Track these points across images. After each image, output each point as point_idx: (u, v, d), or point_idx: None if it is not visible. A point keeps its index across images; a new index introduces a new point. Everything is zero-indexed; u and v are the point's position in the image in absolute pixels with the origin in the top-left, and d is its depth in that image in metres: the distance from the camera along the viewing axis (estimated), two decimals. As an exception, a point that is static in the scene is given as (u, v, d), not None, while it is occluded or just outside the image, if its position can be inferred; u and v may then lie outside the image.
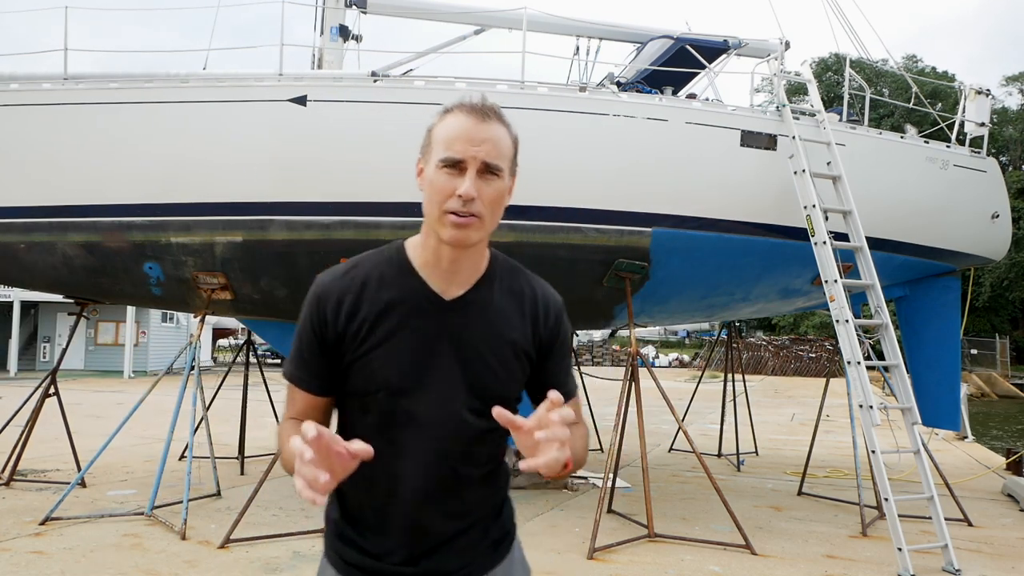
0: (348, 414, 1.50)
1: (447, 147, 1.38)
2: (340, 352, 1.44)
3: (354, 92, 5.84)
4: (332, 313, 1.43)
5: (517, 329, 1.50)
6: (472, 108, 1.40)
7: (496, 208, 1.42)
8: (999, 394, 27.68)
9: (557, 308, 1.58)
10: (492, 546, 1.54)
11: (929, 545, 5.18)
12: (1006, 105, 44.56)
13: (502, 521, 1.58)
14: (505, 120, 1.45)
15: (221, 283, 6.16)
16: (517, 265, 1.58)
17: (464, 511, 1.48)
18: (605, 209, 5.97)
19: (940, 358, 7.68)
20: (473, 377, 1.45)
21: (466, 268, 1.47)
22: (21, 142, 5.96)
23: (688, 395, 10.66)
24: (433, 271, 1.46)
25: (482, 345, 1.46)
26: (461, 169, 1.37)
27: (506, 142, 1.42)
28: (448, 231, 1.38)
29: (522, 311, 1.52)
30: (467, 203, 1.36)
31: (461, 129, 1.38)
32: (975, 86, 7.43)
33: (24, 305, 24.65)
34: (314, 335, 1.45)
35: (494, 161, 1.38)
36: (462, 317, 1.45)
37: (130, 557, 4.87)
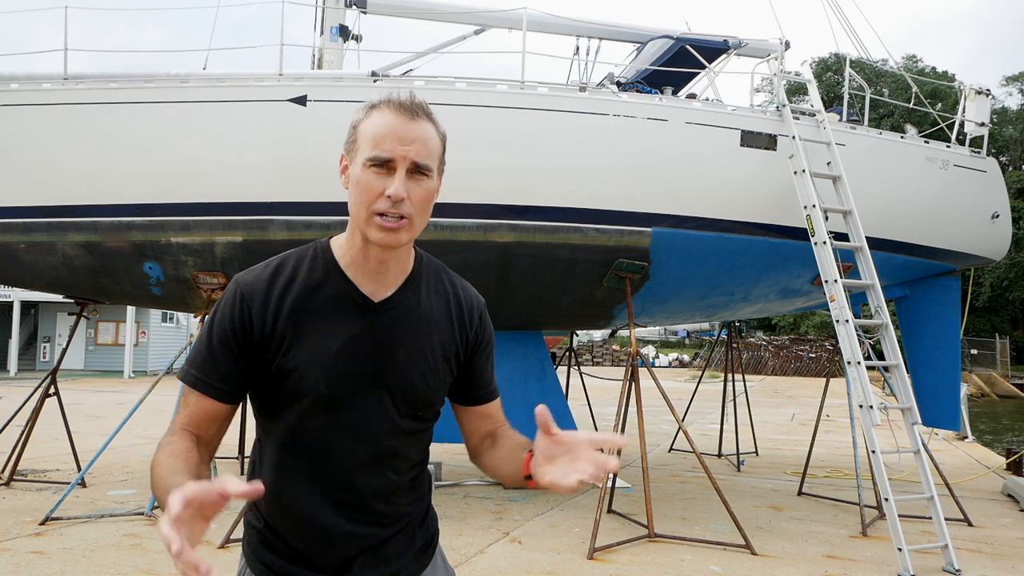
0: (271, 414, 1.43)
1: (375, 145, 1.33)
2: (261, 355, 1.38)
3: (354, 92, 5.84)
4: (258, 313, 1.37)
5: (445, 331, 1.48)
6: (401, 105, 1.36)
7: (425, 208, 1.38)
8: (999, 394, 27.68)
9: (480, 308, 1.56)
10: (419, 551, 1.53)
11: (929, 545, 5.18)
12: (1006, 105, 44.56)
13: (427, 525, 1.57)
14: (434, 118, 1.41)
15: (221, 283, 6.17)
16: (440, 264, 1.57)
17: (393, 516, 1.47)
18: (605, 209, 5.98)
19: (940, 358, 7.68)
20: (401, 381, 1.42)
21: (393, 268, 1.44)
22: (21, 142, 5.96)
23: (688, 395, 10.66)
24: (360, 271, 1.42)
25: (411, 348, 1.43)
26: (390, 169, 1.33)
27: (435, 141, 1.39)
28: (376, 233, 1.34)
29: (448, 312, 1.50)
30: (396, 204, 1.32)
31: (390, 127, 1.33)
32: (975, 86, 7.43)
33: (24, 305, 24.67)
34: (233, 336, 1.37)
35: (424, 161, 1.34)
36: (390, 319, 1.42)
37: (130, 557, 4.87)
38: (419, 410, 1.46)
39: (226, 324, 1.38)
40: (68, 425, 7.45)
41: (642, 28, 7.78)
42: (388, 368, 1.41)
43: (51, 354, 26.02)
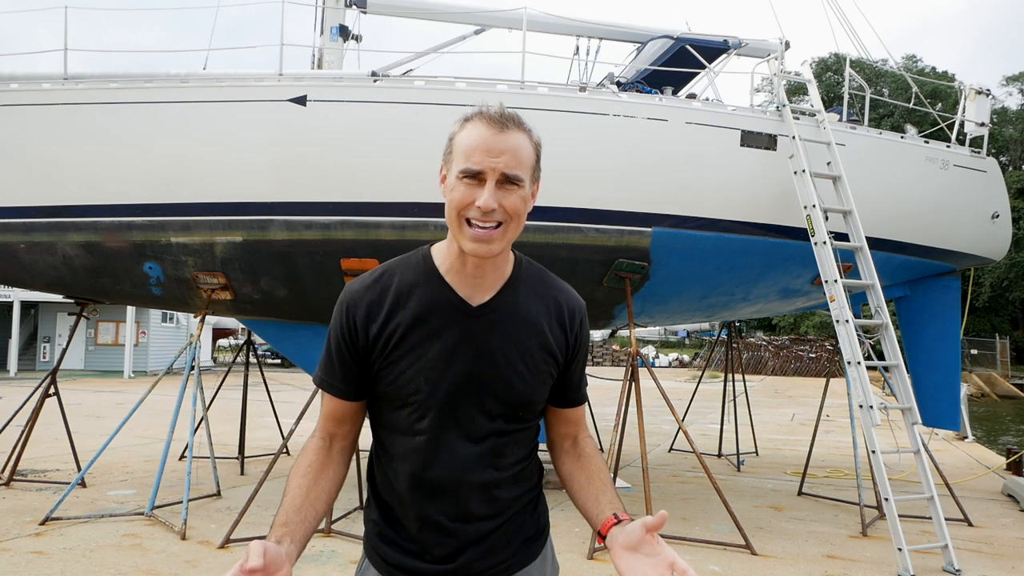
0: (381, 417, 1.54)
1: (466, 158, 1.38)
2: (369, 359, 1.47)
3: (354, 92, 5.84)
4: (361, 321, 1.46)
5: (544, 333, 1.52)
6: (491, 118, 1.39)
7: (518, 216, 1.41)
8: (999, 394, 27.67)
9: (582, 313, 1.59)
10: (526, 542, 1.57)
11: (929, 545, 5.18)
12: (1006, 105, 44.55)
13: (536, 516, 1.61)
14: (526, 127, 1.44)
15: (221, 283, 6.16)
16: (542, 268, 1.60)
17: (497, 510, 1.51)
18: (605, 209, 5.98)
19: (940, 358, 7.68)
20: (500, 382, 1.47)
21: (491, 274, 1.48)
22: (21, 142, 5.96)
23: (688, 395, 10.66)
24: (459, 277, 1.47)
25: (509, 350, 1.48)
26: (480, 180, 1.37)
27: (527, 150, 1.42)
28: (469, 244, 1.39)
29: (549, 316, 1.53)
30: (486, 214, 1.36)
31: (480, 140, 1.38)
32: (975, 86, 7.43)
33: (24, 305, 24.66)
34: (343, 342, 1.48)
35: (513, 172, 1.38)
36: (489, 323, 1.47)
37: (130, 557, 4.87)
38: (519, 410, 1.51)
39: (336, 332, 1.49)
40: (68, 425, 7.45)
41: (642, 28, 7.78)
42: (487, 370, 1.46)
43: (51, 354, 26.00)
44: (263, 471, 5.63)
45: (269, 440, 9.72)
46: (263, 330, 7.29)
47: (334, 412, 1.53)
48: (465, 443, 1.47)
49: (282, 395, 12.39)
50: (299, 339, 6.85)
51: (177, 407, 5.81)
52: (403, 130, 5.75)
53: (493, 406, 1.48)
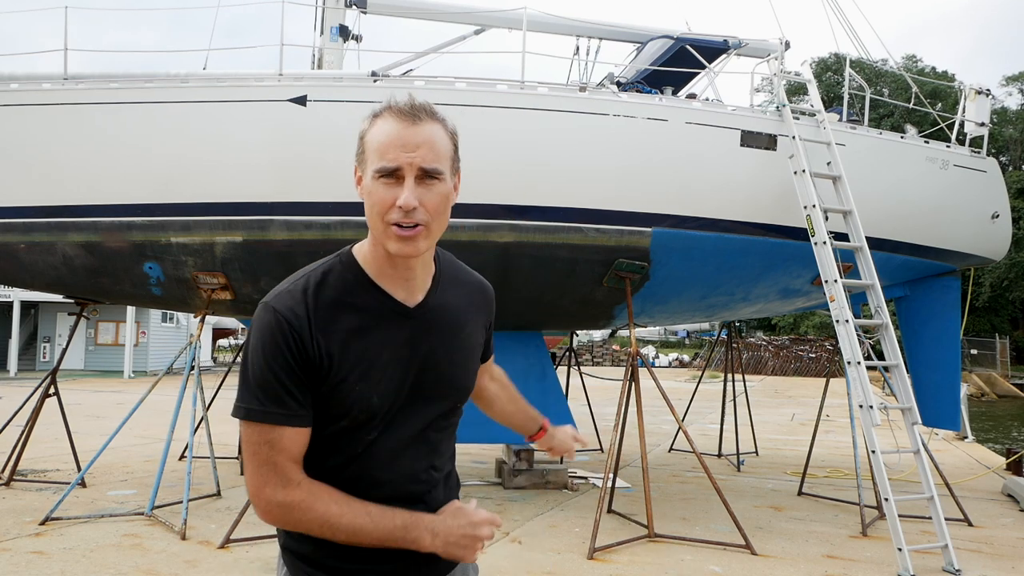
0: (319, 439, 1.39)
1: (380, 156, 1.31)
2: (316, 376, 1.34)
3: (354, 92, 5.84)
4: (308, 335, 1.32)
5: (472, 323, 1.55)
6: (402, 110, 1.33)
7: (441, 213, 1.35)
8: (999, 394, 27.68)
9: (492, 290, 1.65)
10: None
11: (929, 545, 5.19)
12: (1006, 105, 44.58)
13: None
14: (439, 117, 1.37)
15: (221, 283, 6.16)
16: (451, 256, 1.59)
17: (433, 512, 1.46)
18: (605, 209, 5.98)
19: (940, 358, 7.68)
20: (446, 379, 1.47)
21: (421, 273, 1.44)
22: (21, 142, 5.96)
23: (688, 395, 10.66)
24: (389, 280, 1.41)
25: (449, 346, 1.47)
26: (398, 177, 1.31)
27: (443, 141, 1.35)
28: (394, 245, 1.32)
29: (472, 302, 1.56)
30: (409, 213, 1.30)
31: (393, 135, 1.31)
32: (975, 86, 7.43)
33: (24, 305, 24.67)
34: (293, 362, 1.31)
35: (431, 165, 1.31)
36: (427, 322, 1.44)
37: (130, 557, 4.88)
38: (459, 401, 1.54)
39: (282, 353, 1.31)
40: (68, 425, 7.45)
41: (642, 28, 7.78)
42: (433, 370, 1.44)
43: (51, 354, 26.01)
44: (263, 471, 5.62)
45: (269, 440, 9.70)
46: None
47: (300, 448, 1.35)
48: (410, 447, 1.43)
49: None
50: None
51: (177, 407, 5.81)
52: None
53: (441, 404, 1.47)
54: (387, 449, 1.41)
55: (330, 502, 1.33)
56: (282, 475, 1.32)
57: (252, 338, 1.36)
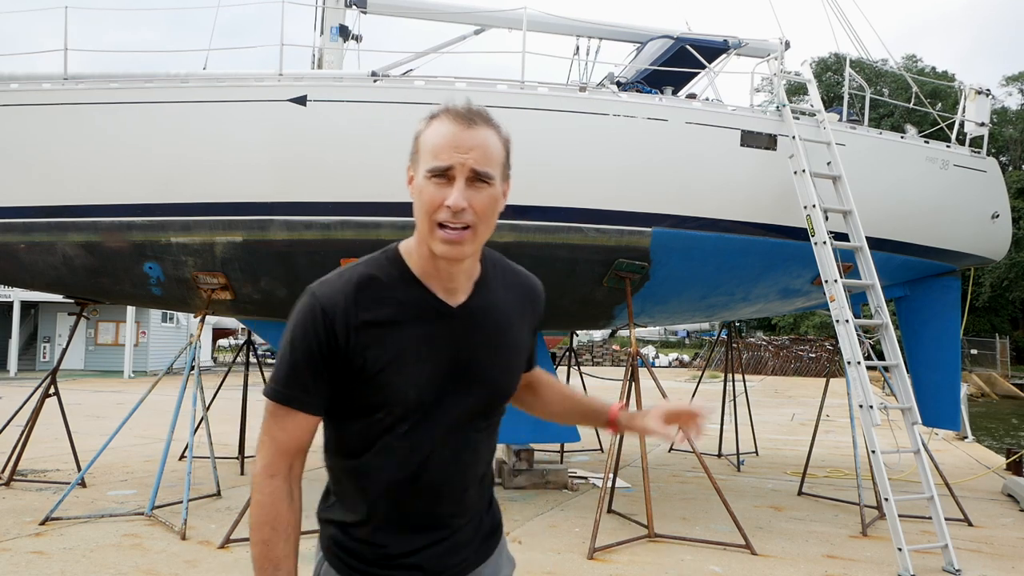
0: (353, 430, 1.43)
1: (434, 156, 1.33)
2: (346, 368, 1.37)
3: (354, 92, 5.84)
4: (341, 326, 1.35)
5: (516, 325, 1.53)
6: (458, 113, 1.35)
7: (488, 217, 1.37)
8: (999, 394, 27.67)
9: (542, 292, 1.63)
10: (485, 538, 1.58)
11: (929, 545, 5.19)
12: (1006, 105, 44.55)
13: (492, 512, 1.62)
14: (494, 123, 1.39)
15: (221, 283, 6.16)
16: (501, 257, 1.59)
17: (465, 509, 1.51)
18: (605, 209, 5.98)
19: (940, 358, 7.68)
20: (486, 381, 1.46)
21: (464, 274, 1.45)
22: (21, 142, 5.96)
23: (688, 395, 10.66)
24: (434, 279, 1.43)
25: (490, 348, 1.47)
26: (449, 178, 1.32)
27: (496, 147, 1.37)
28: (440, 246, 1.34)
29: (520, 305, 1.55)
30: (457, 214, 1.31)
31: (448, 136, 1.33)
32: (975, 86, 7.43)
33: (24, 305, 24.66)
34: (319, 351, 1.36)
35: (483, 168, 1.33)
36: (469, 323, 1.44)
37: (130, 557, 4.88)
38: (499, 404, 1.53)
39: (308, 340, 1.36)
40: (68, 425, 7.45)
41: (642, 28, 7.78)
42: (473, 371, 1.44)
43: (51, 354, 25.99)
44: (263, 471, 5.62)
45: (269, 440, 9.70)
46: (263, 330, 7.30)
47: (295, 435, 1.39)
48: (450, 447, 1.45)
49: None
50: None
51: (177, 407, 5.81)
52: (403, 130, 5.72)
53: (477, 405, 1.46)
54: (423, 446, 1.42)
55: (263, 525, 1.37)
56: (270, 454, 1.39)
57: (290, 318, 1.41)
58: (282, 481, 1.39)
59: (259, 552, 1.37)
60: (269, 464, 1.39)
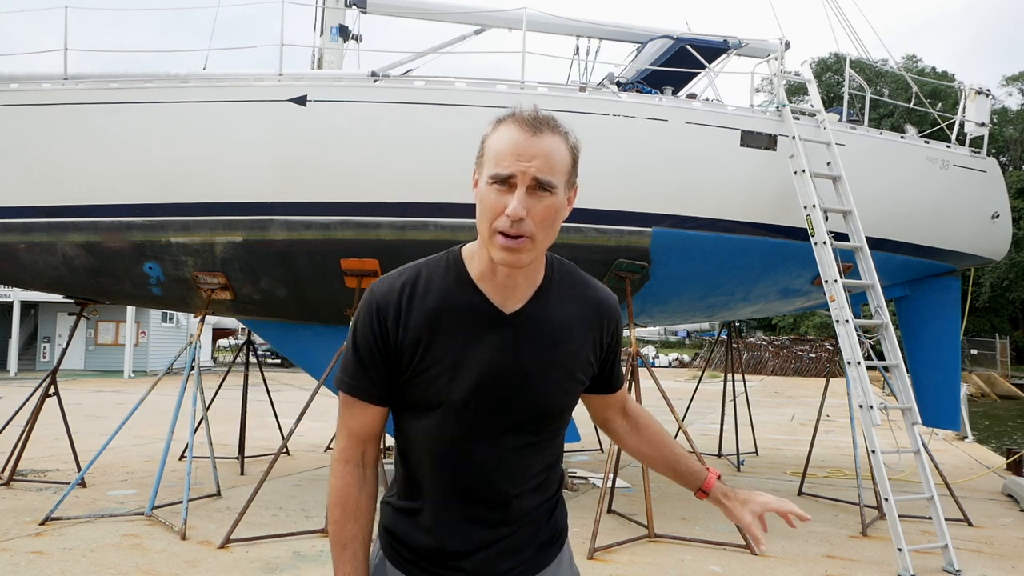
0: (405, 424, 1.48)
1: (496, 162, 1.32)
2: (399, 363, 1.42)
3: (354, 92, 5.84)
4: (392, 323, 1.40)
5: (577, 340, 1.49)
6: (524, 120, 1.33)
7: (549, 226, 1.35)
8: (999, 394, 27.66)
9: (616, 310, 1.57)
10: (542, 547, 1.55)
11: (929, 545, 5.18)
12: (1006, 105, 44.57)
13: (554, 521, 1.58)
14: (561, 130, 1.37)
15: (221, 283, 6.16)
16: (573, 268, 1.56)
17: (516, 518, 1.49)
18: (605, 209, 5.98)
19: (940, 358, 7.68)
20: (531, 393, 1.44)
21: (524, 282, 1.44)
22: (21, 142, 5.96)
23: (688, 395, 10.66)
24: (491, 284, 1.42)
25: (543, 359, 1.44)
26: (511, 185, 1.31)
27: (562, 155, 1.35)
28: (498, 253, 1.33)
29: (584, 320, 1.50)
30: (516, 223, 1.30)
31: (512, 143, 1.32)
32: (975, 86, 7.43)
33: (24, 305, 24.66)
34: (374, 345, 1.41)
35: (545, 177, 1.31)
36: (522, 332, 1.43)
37: (130, 557, 4.87)
38: (548, 419, 1.49)
39: (368, 334, 1.42)
40: (68, 425, 7.44)
41: (642, 28, 7.78)
42: (520, 380, 1.42)
43: (51, 354, 25.99)
44: (263, 471, 5.63)
45: (269, 440, 9.72)
46: (263, 330, 7.30)
47: (365, 424, 1.46)
48: (492, 453, 1.44)
49: (282, 395, 12.38)
50: (299, 339, 6.85)
51: (177, 407, 5.81)
52: (403, 130, 5.75)
53: (523, 416, 1.45)
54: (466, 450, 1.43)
55: (335, 506, 1.45)
56: (343, 441, 1.48)
57: (355, 314, 1.47)
58: (355, 467, 1.46)
59: (332, 531, 1.45)
60: (343, 450, 1.47)
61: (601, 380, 1.61)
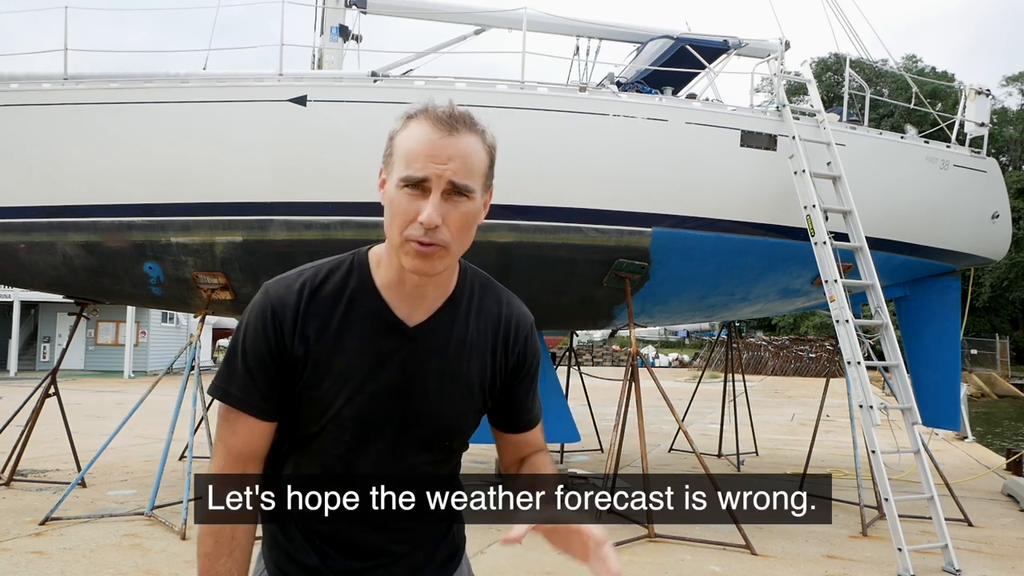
0: (292, 433, 1.36)
1: (408, 163, 1.21)
2: (291, 374, 1.30)
3: (354, 92, 5.84)
4: (288, 329, 1.28)
5: (483, 356, 1.38)
6: (438, 118, 1.22)
7: (465, 233, 1.25)
8: (999, 394, 27.66)
9: (526, 329, 1.43)
10: (440, 565, 1.46)
11: (929, 545, 5.18)
12: (1006, 105, 44.54)
13: (451, 537, 1.49)
14: (478, 128, 1.26)
15: (221, 283, 6.16)
16: (487, 279, 1.44)
17: (410, 538, 1.40)
18: (605, 209, 5.98)
19: (940, 358, 7.67)
20: (431, 409, 1.35)
21: (432, 292, 1.34)
22: (21, 142, 5.96)
23: (688, 395, 10.65)
24: (397, 293, 1.32)
25: (444, 376, 1.35)
26: (424, 190, 1.20)
27: (479, 156, 1.24)
28: (409, 261, 1.23)
29: (488, 336, 1.39)
30: (430, 231, 1.20)
31: (425, 142, 1.21)
32: (975, 86, 7.43)
33: (24, 305, 24.66)
34: (267, 352, 1.29)
35: (462, 181, 1.21)
36: (424, 345, 1.33)
37: (130, 557, 4.87)
38: (447, 439, 1.40)
39: (260, 340, 1.30)
40: (68, 425, 7.44)
41: (642, 28, 7.77)
42: (417, 396, 1.33)
43: (51, 354, 25.98)
44: (263, 471, 5.63)
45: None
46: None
47: (249, 442, 1.31)
48: (385, 469, 1.34)
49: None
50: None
51: (177, 407, 5.80)
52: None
53: (419, 433, 1.35)
54: (358, 469, 1.33)
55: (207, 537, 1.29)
56: (220, 461, 1.32)
57: (244, 315, 1.34)
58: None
59: (202, 566, 1.28)
60: (219, 471, 1.31)
61: (505, 410, 1.45)
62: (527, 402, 1.47)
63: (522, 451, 1.50)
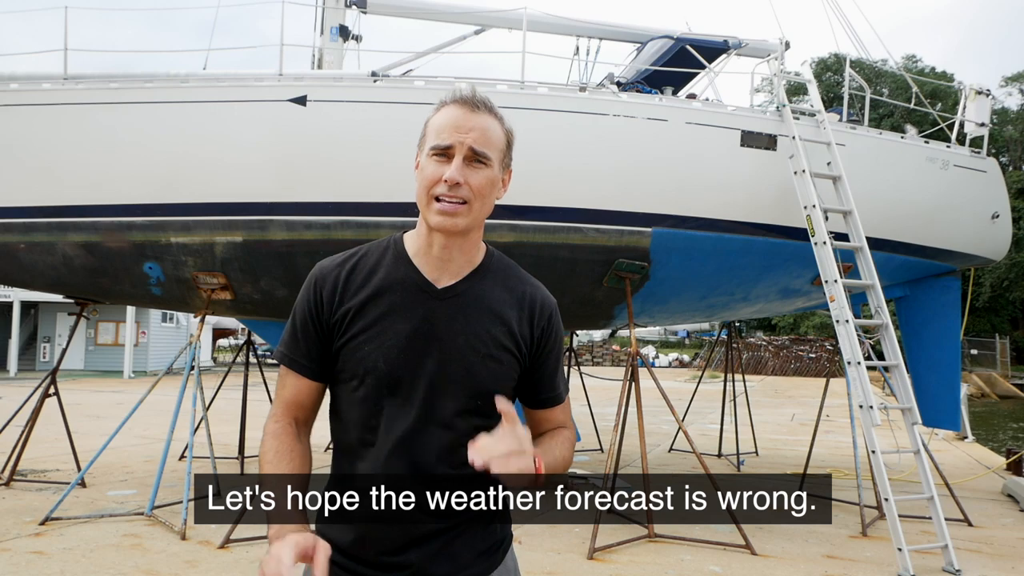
0: (338, 397, 1.51)
1: (436, 135, 1.42)
2: (332, 335, 1.47)
3: (354, 92, 5.84)
4: (327, 297, 1.46)
5: (509, 323, 1.49)
6: (463, 99, 1.44)
7: (484, 196, 1.43)
8: (999, 394, 27.65)
9: (550, 308, 1.57)
10: (480, 556, 1.48)
11: (929, 545, 5.18)
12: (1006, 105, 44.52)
13: (494, 527, 1.51)
14: (497, 114, 1.47)
15: (221, 283, 6.16)
16: (513, 263, 1.59)
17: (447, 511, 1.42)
18: (605, 209, 5.98)
19: (940, 358, 7.68)
20: (460, 367, 1.44)
21: (458, 258, 1.48)
22: (21, 142, 5.96)
23: (688, 395, 10.65)
24: (426, 259, 1.48)
25: (471, 336, 1.45)
26: (449, 156, 1.41)
27: (496, 133, 1.45)
28: (435, 217, 1.41)
29: (516, 307, 1.51)
30: (453, 188, 1.39)
31: (451, 118, 1.42)
32: (975, 86, 7.43)
33: (24, 305, 24.65)
34: (309, 317, 1.48)
35: (481, 148, 1.41)
36: (452, 307, 1.46)
37: (130, 557, 4.88)
38: (477, 399, 1.45)
39: (302, 307, 1.49)
40: (68, 425, 7.44)
41: (642, 28, 7.77)
42: (446, 354, 1.44)
43: (51, 354, 25.97)
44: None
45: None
46: (263, 330, 7.30)
47: (296, 395, 1.50)
48: (420, 432, 1.42)
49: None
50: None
51: (177, 407, 5.80)
52: (403, 130, 5.74)
53: (451, 393, 1.43)
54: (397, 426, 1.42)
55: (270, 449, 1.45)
56: (276, 407, 1.52)
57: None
58: (287, 424, 1.49)
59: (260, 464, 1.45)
60: (274, 414, 1.51)
61: (534, 385, 1.55)
62: (554, 379, 1.59)
63: (544, 427, 1.61)
